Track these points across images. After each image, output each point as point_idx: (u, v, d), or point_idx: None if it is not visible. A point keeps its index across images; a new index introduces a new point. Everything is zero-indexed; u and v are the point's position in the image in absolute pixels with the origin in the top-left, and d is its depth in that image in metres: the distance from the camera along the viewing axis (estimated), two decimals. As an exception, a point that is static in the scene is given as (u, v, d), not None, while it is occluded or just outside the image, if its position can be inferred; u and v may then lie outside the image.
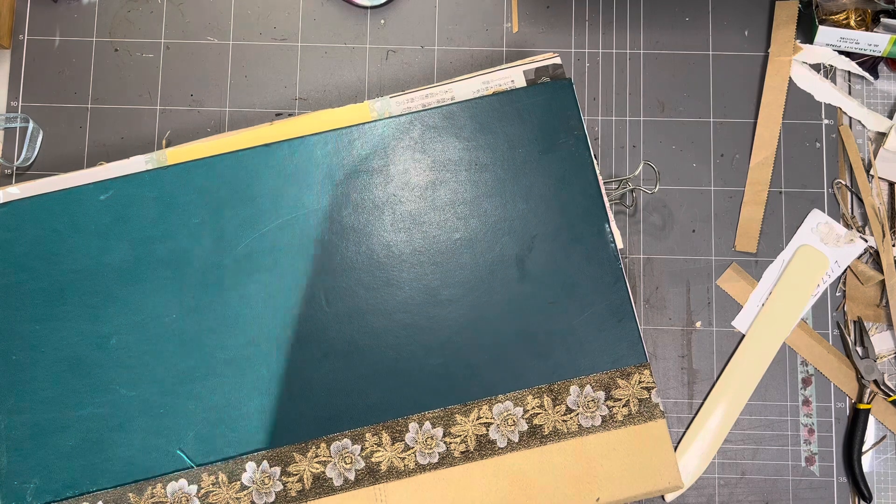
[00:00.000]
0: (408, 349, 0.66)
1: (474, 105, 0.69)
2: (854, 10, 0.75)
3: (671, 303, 0.74)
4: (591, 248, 0.67)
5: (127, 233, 0.67)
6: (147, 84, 0.77)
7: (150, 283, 0.66)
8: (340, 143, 0.68)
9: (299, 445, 0.65)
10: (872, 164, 0.75)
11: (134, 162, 0.69)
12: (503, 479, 0.64)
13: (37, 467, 0.64)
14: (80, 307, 0.66)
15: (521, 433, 0.65)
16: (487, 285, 0.67)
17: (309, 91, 0.77)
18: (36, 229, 0.67)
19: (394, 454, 0.65)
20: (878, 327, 0.74)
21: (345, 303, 0.66)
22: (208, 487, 0.64)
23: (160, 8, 0.78)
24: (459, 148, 0.69)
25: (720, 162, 0.76)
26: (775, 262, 0.74)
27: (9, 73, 0.77)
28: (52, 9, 0.78)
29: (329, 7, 0.78)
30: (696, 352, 0.73)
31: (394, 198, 0.68)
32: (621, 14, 0.78)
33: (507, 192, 0.68)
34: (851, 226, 0.74)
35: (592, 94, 0.77)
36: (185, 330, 0.66)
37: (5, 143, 0.76)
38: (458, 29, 0.78)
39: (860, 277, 0.73)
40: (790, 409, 0.72)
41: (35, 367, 0.65)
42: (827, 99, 0.76)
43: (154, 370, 0.65)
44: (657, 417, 0.65)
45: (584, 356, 0.66)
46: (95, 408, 0.65)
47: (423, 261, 0.67)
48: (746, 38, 0.77)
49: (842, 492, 0.71)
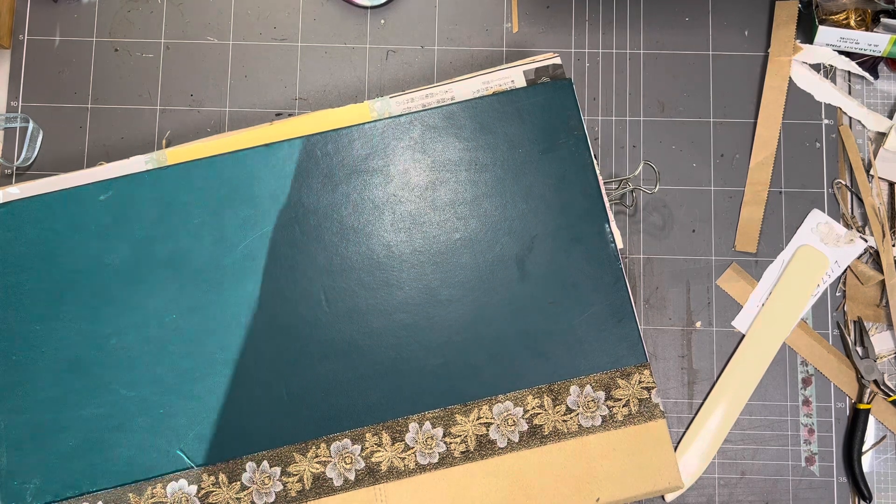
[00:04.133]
0: (408, 349, 0.66)
1: (474, 105, 0.69)
2: (854, 10, 0.75)
3: (671, 303, 0.74)
4: (592, 248, 0.67)
5: (127, 233, 0.67)
6: (147, 84, 0.77)
7: (150, 283, 0.66)
8: (340, 143, 0.68)
9: (299, 445, 0.65)
10: (872, 164, 0.75)
11: (134, 162, 0.69)
12: (503, 479, 0.64)
13: (37, 467, 0.64)
14: (80, 307, 0.66)
15: (522, 433, 0.65)
16: (487, 285, 0.67)
17: (309, 91, 0.77)
18: (36, 229, 0.67)
19: (394, 454, 0.65)
20: (878, 327, 0.74)
21: (345, 303, 0.66)
22: (208, 487, 0.64)
23: (160, 8, 0.78)
24: (459, 148, 0.69)
25: (720, 162, 0.76)
26: (775, 262, 0.74)
27: (9, 73, 0.77)
28: (52, 9, 0.78)
29: (329, 7, 0.78)
30: (696, 352, 0.73)
31: (394, 198, 0.68)
32: (621, 14, 0.78)
33: (507, 192, 0.68)
34: (851, 226, 0.74)
35: (592, 94, 0.77)
36: (185, 330, 0.66)
37: (5, 143, 0.76)
38: (458, 29, 0.78)
39: (860, 277, 0.73)
40: (790, 409, 0.72)
41: (35, 367, 0.65)
42: (827, 99, 0.76)
43: (154, 370, 0.65)
44: (657, 417, 0.65)
45: (584, 356, 0.66)
46: (95, 408, 0.65)
47: (423, 261, 0.67)
48: (746, 38, 0.77)
49: (842, 492, 0.71)
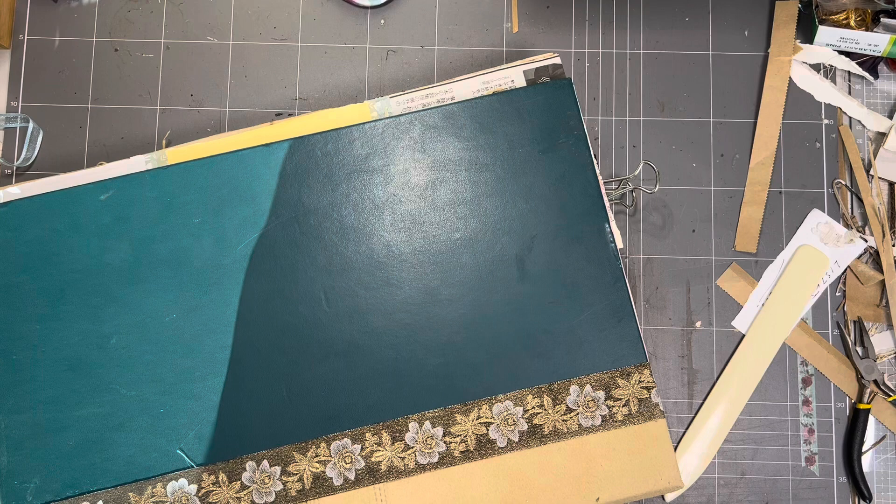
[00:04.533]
0: (408, 349, 0.66)
1: (474, 105, 0.69)
2: (854, 10, 0.75)
3: (671, 303, 0.74)
4: (591, 247, 0.67)
5: (127, 233, 0.67)
6: (147, 84, 0.77)
7: (150, 282, 0.66)
8: (340, 142, 0.68)
9: (299, 445, 0.65)
10: (872, 164, 0.75)
11: (134, 162, 0.69)
12: (503, 479, 0.64)
13: (37, 467, 0.64)
14: (81, 307, 0.66)
15: (521, 433, 0.65)
16: (487, 285, 0.67)
17: (309, 91, 0.77)
18: (36, 229, 0.67)
19: (394, 454, 0.65)
20: (878, 327, 0.74)
21: (345, 302, 0.66)
22: (208, 487, 0.64)
23: (160, 8, 0.78)
24: (459, 148, 0.69)
25: (720, 162, 0.76)
26: (775, 262, 0.74)
27: (9, 73, 0.77)
28: (52, 9, 0.78)
29: (329, 7, 0.78)
30: (696, 352, 0.73)
31: (394, 197, 0.68)
32: (621, 14, 0.78)
33: (507, 191, 0.68)
34: (851, 226, 0.74)
35: (592, 94, 0.77)
36: (185, 329, 0.66)
37: (5, 143, 0.76)
38: (458, 29, 0.78)
39: (860, 277, 0.73)
40: (790, 409, 0.72)
41: (35, 366, 0.65)
42: (827, 99, 0.76)
43: (154, 370, 0.65)
44: (657, 417, 0.65)
45: (584, 356, 0.66)
46: (95, 407, 0.65)
47: (423, 260, 0.67)
48: (746, 38, 0.77)
49: (842, 492, 0.71)
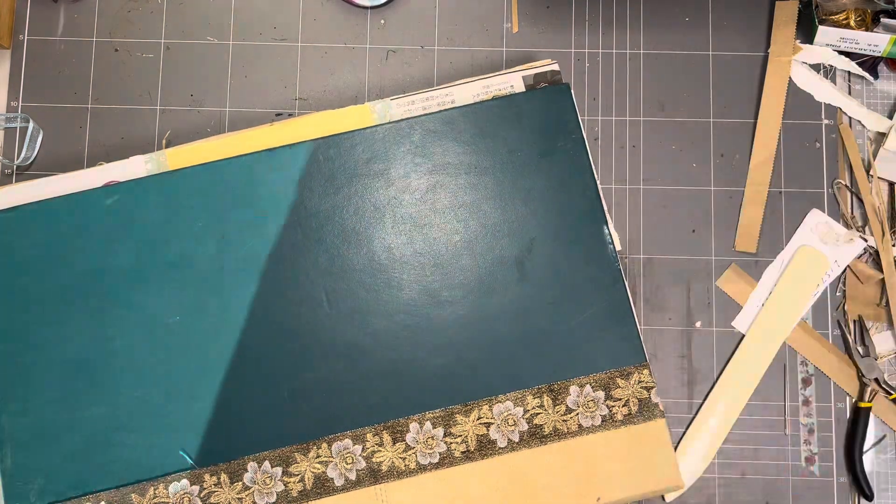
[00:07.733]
0: (408, 350, 0.66)
1: (474, 110, 0.69)
2: (854, 10, 0.75)
3: (671, 303, 0.74)
4: (590, 249, 0.67)
5: (132, 236, 0.67)
6: (147, 84, 0.77)
7: (154, 285, 0.67)
8: (342, 147, 0.69)
9: (301, 446, 0.65)
10: (872, 164, 0.75)
11: (134, 162, 0.69)
12: (503, 479, 0.65)
13: (41, 468, 0.65)
14: (86, 310, 0.66)
15: (522, 433, 0.65)
16: (487, 287, 0.67)
17: (309, 91, 0.77)
18: (42, 233, 0.67)
19: (395, 454, 0.65)
20: (878, 326, 0.74)
21: (346, 304, 0.67)
22: (210, 487, 0.64)
23: (160, 8, 0.78)
24: (459, 152, 0.69)
25: (720, 162, 0.76)
26: (775, 263, 0.74)
27: (9, 73, 0.77)
28: (52, 9, 0.78)
29: (329, 7, 0.78)
30: (696, 352, 0.73)
31: (395, 201, 0.68)
32: (621, 14, 0.77)
33: (507, 194, 0.68)
34: (851, 226, 0.74)
35: (592, 95, 0.76)
36: (188, 331, 0.66)
37: (5, 143, 0.76)
38: (458, 29, 0.78)
39: (860, 277, 0.74)
40: (790, 409, 0.72)
41: (40, 368, 0.66)
42: (827, 99, 0.76)
43: (158, 371, 0.66)
44: (657, 417, 0.66)
45: (584, 356, 0.66)
46: (99, 408, 0.65)
47: (423, 263, 0.67)
48: (746, 38, 0.77)
49: (842, 492, 0.71)
